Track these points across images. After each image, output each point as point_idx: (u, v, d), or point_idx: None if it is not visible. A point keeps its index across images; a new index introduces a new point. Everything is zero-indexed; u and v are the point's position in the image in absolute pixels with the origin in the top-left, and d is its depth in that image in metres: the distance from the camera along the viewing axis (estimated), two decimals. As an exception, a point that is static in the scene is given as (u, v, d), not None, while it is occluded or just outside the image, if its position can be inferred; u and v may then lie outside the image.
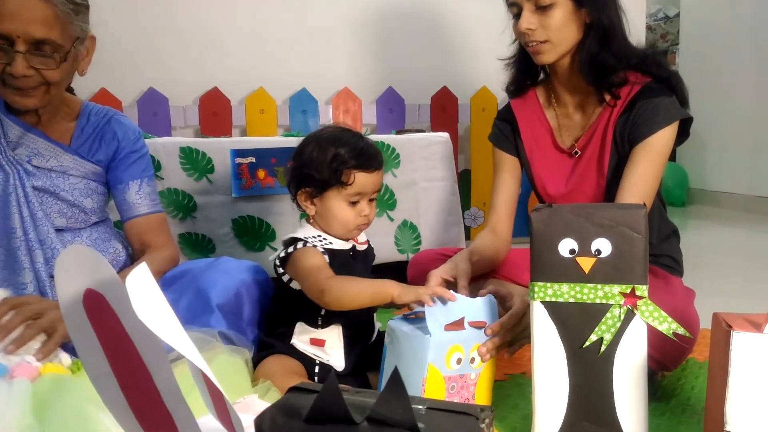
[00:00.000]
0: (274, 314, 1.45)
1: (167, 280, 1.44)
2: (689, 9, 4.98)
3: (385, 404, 0.69)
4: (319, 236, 1.37)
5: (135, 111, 2.61)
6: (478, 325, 1.17)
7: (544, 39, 1.46)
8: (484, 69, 2.98)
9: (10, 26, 1.23)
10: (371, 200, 1.39)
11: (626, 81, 1.49)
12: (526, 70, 1.64)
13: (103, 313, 0.59)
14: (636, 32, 1.60)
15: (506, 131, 1.68)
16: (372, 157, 1.36)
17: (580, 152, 1.57)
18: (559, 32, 1.46)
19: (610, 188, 1.51)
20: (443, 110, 3.02)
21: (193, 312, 1.34)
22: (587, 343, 1.03)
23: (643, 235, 1.02)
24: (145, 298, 0.54)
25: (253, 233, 2.19)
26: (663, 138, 1.44)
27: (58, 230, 1.41)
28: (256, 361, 1.34)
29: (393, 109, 2.96)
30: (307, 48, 2.86)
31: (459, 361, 1.13)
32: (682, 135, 1.51)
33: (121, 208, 1.52)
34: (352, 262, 1.40)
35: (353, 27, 2.92)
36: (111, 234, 1.52)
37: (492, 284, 1.45)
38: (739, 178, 4.43)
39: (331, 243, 1.37)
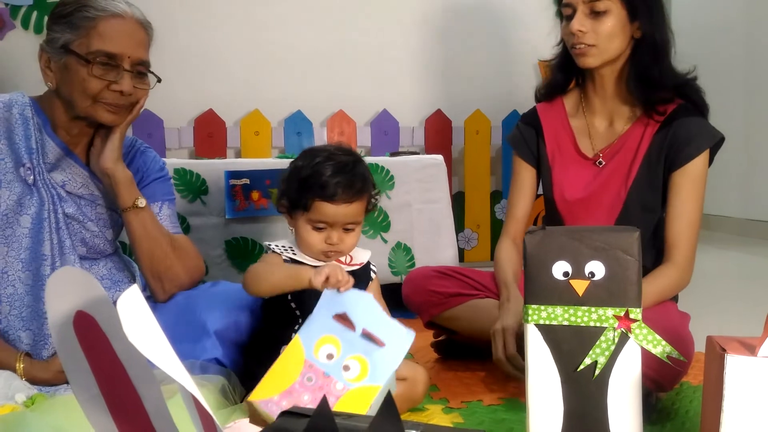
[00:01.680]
0: (256, 340, 1.40)
1: (164, 305, 1.43)
2: (680, 32, 5.03)
3: (377, 428, 0.68)
4: (287, 247, 1.36)
5: (130, 133, 2.60)
6: (347, 326, 1.11)
7: (593, 43, 1.49)
8: (478, 92, 3.01)
9: (120, 47, 1.30)
10: (347, 230, 1.34)
11: (673, 99, 1.53)
12: (566, 72, 1.66)
13: (93, 335, 0.59)
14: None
15: (529, 135, 1.69)
16: (340, 190, 1.30)
17: (604, 162, 1.58)
18: (608, 40, 1.49)
19: (629, 199, 1.54)
20: (437, 133, 3.04)
21: (189, 338, 1.32)
22: (581, 367, 1.03)
23: (636, 258, 1.02)
24: (137, 320, 0.53)
25: (246, 255, 2.18)
26: (701, 162, 1.50)
27: (81, 258, 1.38)
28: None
29: (387, 131, 2.98)
30: (302, 71, 2.88)
31: (330, 357, 1.08)
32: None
33: None
34: None
35: (348, 50, 2.94)
36: (123, 265, 1.51)
37: None
38: (733, 201, 4.45)
39: (294, 254, 1.35)
